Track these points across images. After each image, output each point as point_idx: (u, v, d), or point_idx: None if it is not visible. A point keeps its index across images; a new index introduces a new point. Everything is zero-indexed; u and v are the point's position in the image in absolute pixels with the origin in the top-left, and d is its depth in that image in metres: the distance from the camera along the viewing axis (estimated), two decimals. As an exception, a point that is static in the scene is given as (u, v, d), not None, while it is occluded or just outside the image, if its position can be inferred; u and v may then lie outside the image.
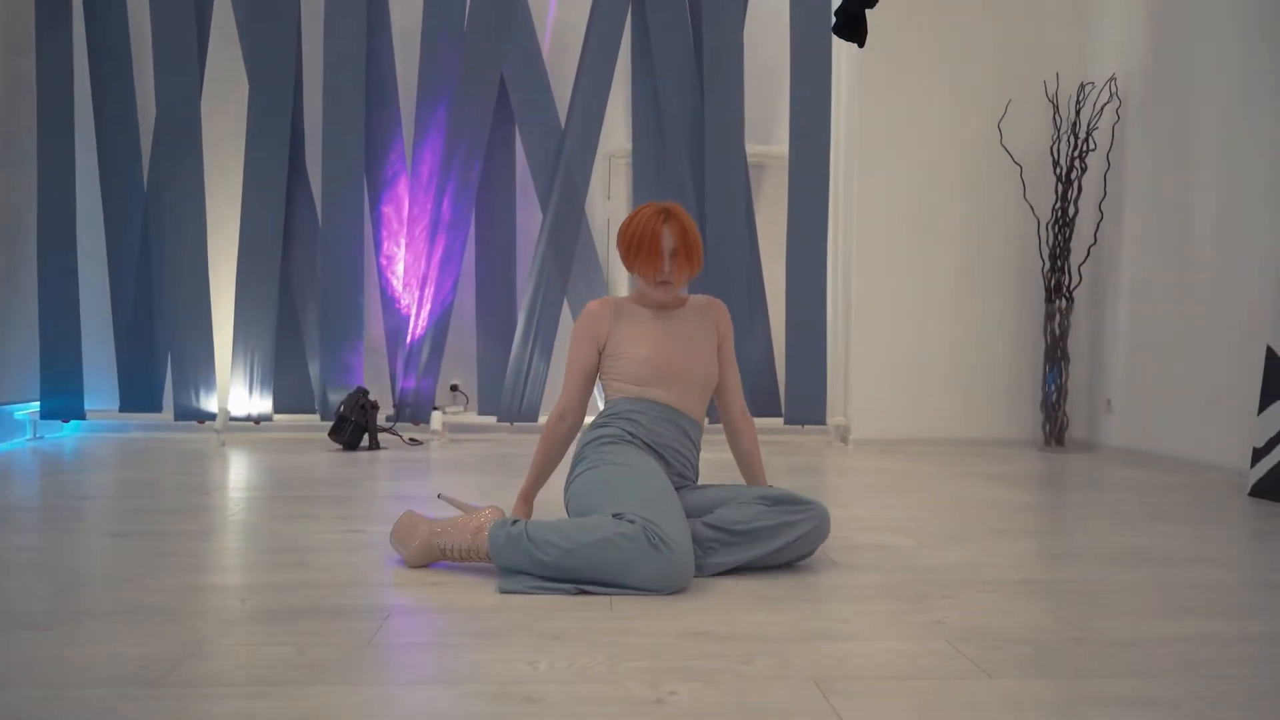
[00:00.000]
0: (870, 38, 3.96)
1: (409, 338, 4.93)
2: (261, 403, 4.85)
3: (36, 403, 4.78)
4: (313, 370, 4.90)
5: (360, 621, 1.77)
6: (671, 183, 4.95)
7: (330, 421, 4.70)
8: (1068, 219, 4.81)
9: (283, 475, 3.73)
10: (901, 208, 4.98)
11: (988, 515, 3.01)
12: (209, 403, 4.83)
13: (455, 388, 5.24)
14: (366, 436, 4.58)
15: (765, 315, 5.02)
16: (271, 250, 4.86)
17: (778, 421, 4.96)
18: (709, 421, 3.88)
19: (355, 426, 4.51)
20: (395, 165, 4.99)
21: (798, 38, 4.97)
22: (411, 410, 4.92)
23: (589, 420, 2.45)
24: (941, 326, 5.00)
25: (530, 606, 1.88)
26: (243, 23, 4.87)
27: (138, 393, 4.86)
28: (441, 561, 2.20)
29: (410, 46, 5.04)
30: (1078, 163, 4.80)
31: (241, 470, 3.87)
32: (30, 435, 4.78)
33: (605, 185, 5.33)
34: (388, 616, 1.80)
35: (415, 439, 4.82)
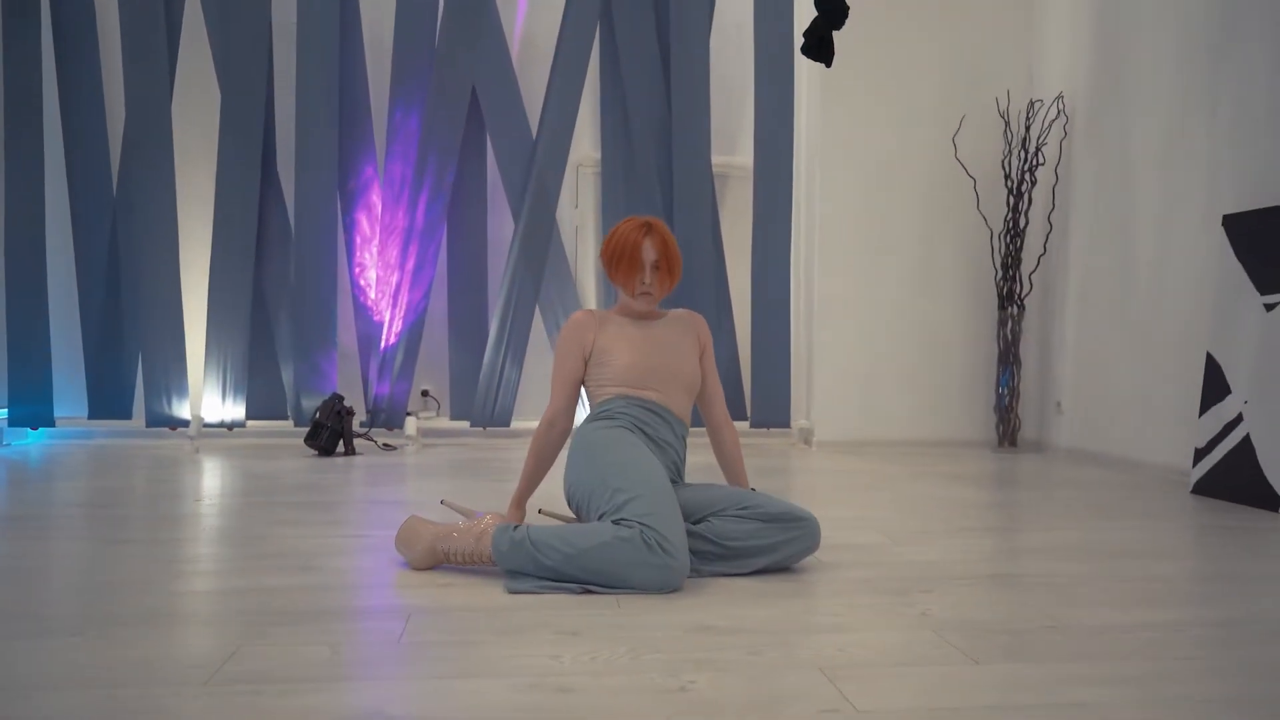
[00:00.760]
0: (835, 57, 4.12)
1: (382, 344, 4.99)
2: (234, 409, 4.88)
3: (4, 409, 4.74)
4: (286, 376, 4.94)
5: (384, 622, 1.86)
6: (639, 192, 5.08)
7: (304, 427, 4.74)
8: (1019, 229, 5.04)
9: (263, 481, 3.77)
10: (861, 218, 5.17)
11: (951, 513, 3.18)
12: (181, 409, 4.84)
13: (426, 393, 5.31)
14: (341, 442, 4.63)
15: (731, 321, 5.18)
16: (244, 256, 4.89)
17: (744, 424, 5.11)
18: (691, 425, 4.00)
19: (331, 432, 4.57)
20: (367, 173, 5.05)
21: (761, 52, 5.14)
22: (385, 416, 4.98)
23: (580, 421, 2.56)
24: (900, 332, 5.20)
25: (541, 605, 1.99)
26: (213, 29, 4.89)
27: (107, 399, 4.85)
28: (445, 564, 2.29)
29: (382, 56, 5.10)
30: (1028, 176, 5.03)
31: (221, 477, 3.90)
32: (-3, 443, 4.76)
33: (573, 194, 5.44)
34: (409, 617, 1.90)
35: (389, 444, 4.88)
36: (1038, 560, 2.50)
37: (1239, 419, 3.46)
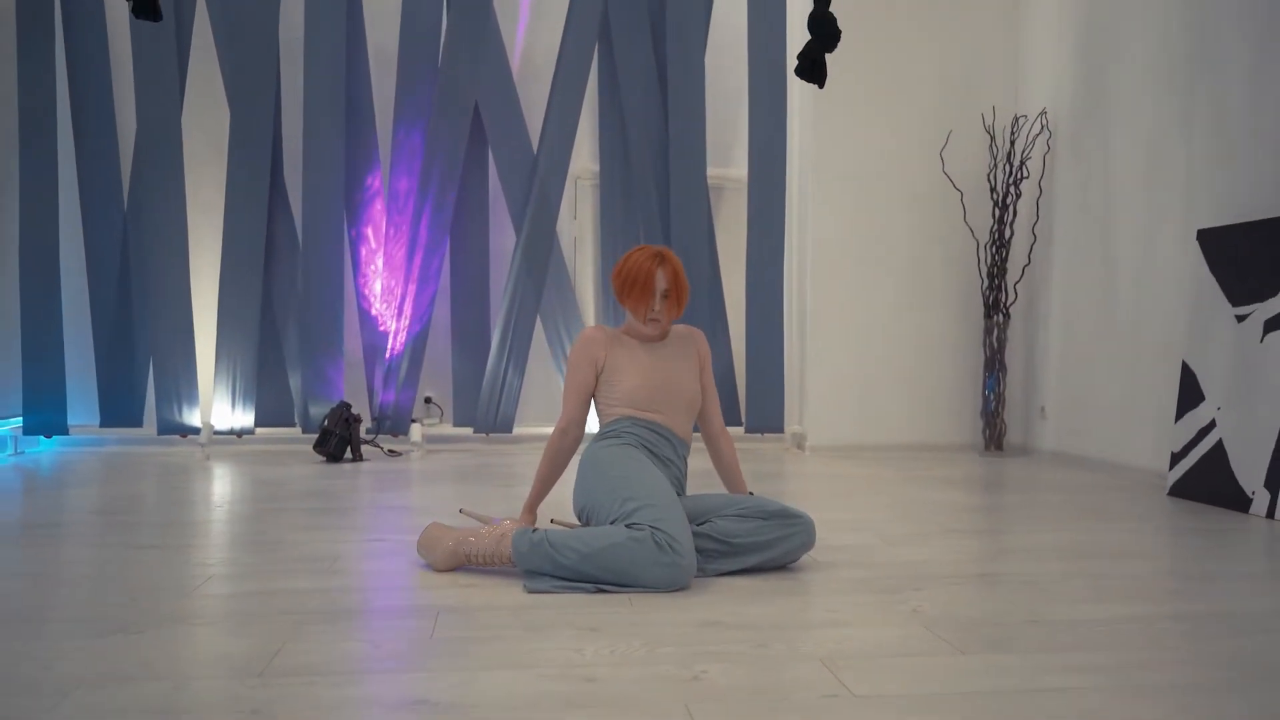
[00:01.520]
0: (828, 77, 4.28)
1: (388, 353, 5.13)
2: (244, 416, 5.00)
3: (19, 418, 4.86)
4: (293, 384, 5.07)
5: (416, 620, 2.01)
6: (637, 203, 5.23)
7: (311, 434, 4.87)
8: (1004, 240, 5.21)
9: (276, 488, 3.91)
10: (852, 229, 5.33)
11: (940, 515, 3.34)
12: (191, 417, 4.96)
13: (429, 400, 5.45)
14: (349, 449, 4.76)
15: (726, 329, 5.34)
16: (253, 267, 5.02)
17: (739, 430, 5.27)
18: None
19: (339, 439, 4.70)
20: (373, 187, 5.19)
21: (756, 69, 5.30)
22: (391, 423, 5.12)
23: (588, 441, 2.71)
24: (890, 340, 5.37)
25: (559, 604, 2.13)
26: (222, 47, 5.03)
27: (119, 408, 4.97)
28: (465, 566, 2.44)
29: (387, 72, 5.24)
30: (1013, 189, 5.21)
31: (235, 483, 4.03)
32: (11, 451, 4.87)
33: (572, 205, 5.59)
34: (438, 615, 2.04)
35: (394, 450, 5.02)
36: (1021, 560, 2.66)
37: (1212, 424, 3.63)
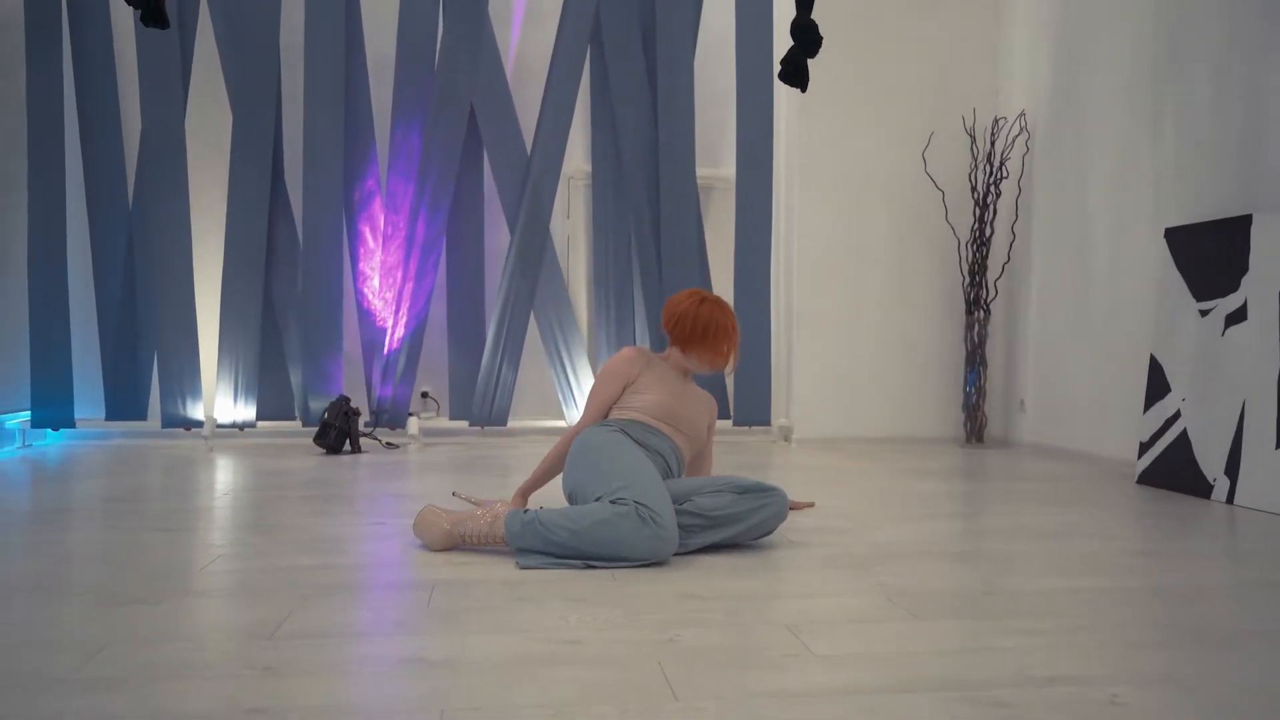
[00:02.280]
0: (810, 80, 4.43)
1: (386, 349, 5.28)
2: (246, 410, 5.15)
3: (27, 412, 5.00)
4: (294, 379, 5.22)
5: (414, 592, 2.16)
6: (628, 203, 5.38)
7: (311, 427, 5.02)
8: (984, 239, 5.37)
9: (278, 477, 4.05)
10: (837, 228, 5.49)
11: (916, 503, 3.49)
12: (195, 410, 5.11)
13: (426, 394, 5.60)
14: (348, 441, 4.91)
15: (715, 326, 5.48)
16: (254, 266, 5.17)
17: (727, 423, 5.42)
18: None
19: (339, 432, 4.85)
20: (371, 188, 5.34)
21: (743, 71, 5.45)
22: (389, 416, 5.27)
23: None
24: (873, 335, 5.52)
25: (548, 579, 2.28)
26: (225, 52, 5.17)
27: (124, 402, 5.12)
28: (460, 546, 2.59)
29: (384, 76, 5.39)
30: (993, 189, 5.36)
31: (238, 474, 4.18)
32: (20, 444, 5.01)
33: (565, 205, 5.74)
34: (434, 588, 2.19)
35: (392, 443, 5.17)
36: (988, 540, 2.82)
37: (1177, 415, 3.79)
